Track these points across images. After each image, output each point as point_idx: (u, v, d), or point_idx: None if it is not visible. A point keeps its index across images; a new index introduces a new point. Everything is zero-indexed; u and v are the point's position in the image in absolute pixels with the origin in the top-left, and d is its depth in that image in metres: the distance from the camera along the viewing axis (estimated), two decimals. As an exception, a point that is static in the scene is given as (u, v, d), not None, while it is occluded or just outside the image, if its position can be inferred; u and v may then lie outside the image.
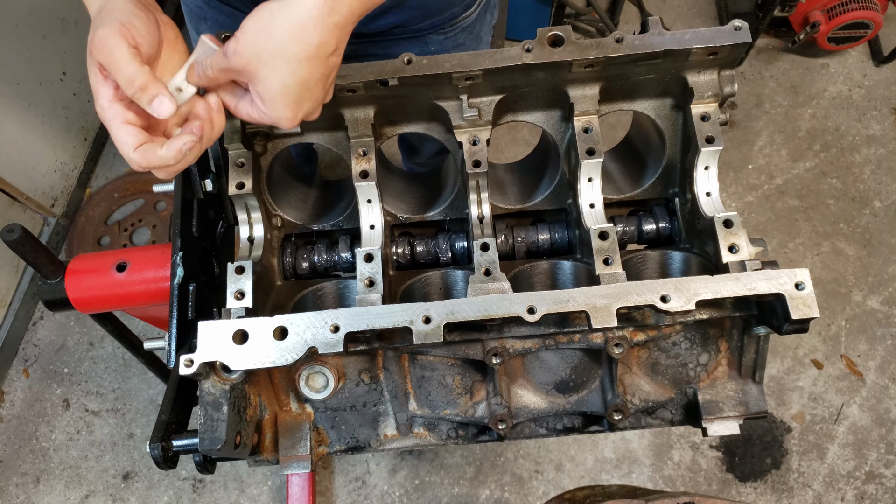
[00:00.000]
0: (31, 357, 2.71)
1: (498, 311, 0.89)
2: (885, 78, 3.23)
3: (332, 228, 1.24)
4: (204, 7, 1.40)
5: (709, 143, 1.05)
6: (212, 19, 1.41)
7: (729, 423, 1.07)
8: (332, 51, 0.82)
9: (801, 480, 2.45)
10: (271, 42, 0.80)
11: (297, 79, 0.82)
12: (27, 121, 2.63)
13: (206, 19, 1.42)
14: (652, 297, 0.89)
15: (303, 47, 0.80)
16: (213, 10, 1.39)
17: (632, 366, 1.08)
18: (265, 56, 0.81)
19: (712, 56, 1.02)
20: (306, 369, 1.04)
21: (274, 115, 0.86)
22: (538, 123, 1.17)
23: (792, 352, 2.64)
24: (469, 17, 1.39)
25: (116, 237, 2.89)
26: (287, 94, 0.83)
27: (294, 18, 0.79)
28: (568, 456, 2.48)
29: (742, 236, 0.99)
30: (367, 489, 2.44)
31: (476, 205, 1.12)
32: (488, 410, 1.06)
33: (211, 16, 1.40)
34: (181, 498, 2.46)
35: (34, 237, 1.16)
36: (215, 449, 0.89)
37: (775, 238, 2.87)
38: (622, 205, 1.26)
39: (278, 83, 0.82)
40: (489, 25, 1.52)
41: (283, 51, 0.80)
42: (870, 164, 3.02)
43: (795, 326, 0.90)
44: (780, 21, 3.21)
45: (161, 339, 1.14)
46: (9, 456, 2.55)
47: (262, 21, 0.81)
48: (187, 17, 1.48)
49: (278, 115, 0.85)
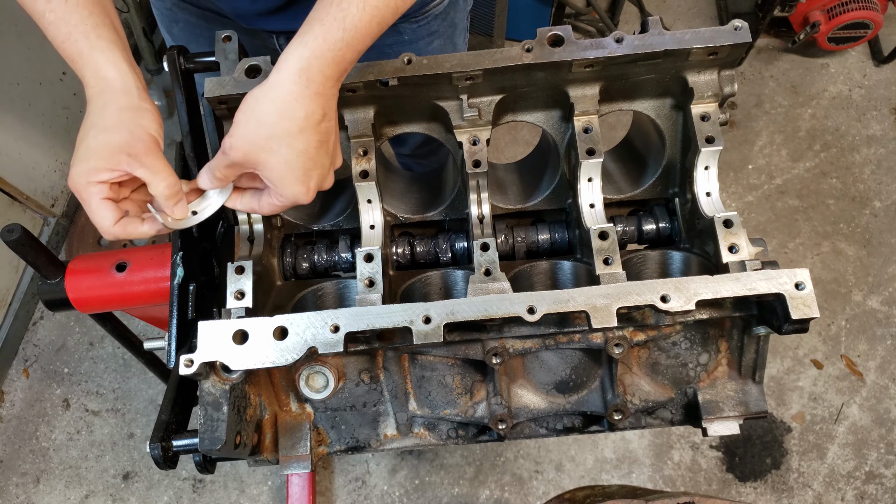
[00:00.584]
0: (31, 357, 2.71)
1: (498, 311, 0.89)
2: (885, 78, 3.22)
3: (332, 228, 1.24)
4: (174, 10, 1.39)
5: (709, 143, 1.05)
6: (183, 21, 1.40)
7: (729, 423, 1.07)
8: (321, 117, 0.85)
9: (801, 480, 2.45)
10: (262, 127, 0.84)
11: (297, 152, 0.85)
12: (27, 121, 2.63)
13: (177, 21, 1.41)
14: (652, 297, 0.89)
15: (292, 122, 0.83)
16: (184, 13, 1.38)
17: (632, 366, 1.08)
18: (260, 141, 0.84)
19: (712, 56, 1.02)
20: (306, 369, 1.04)
21: (288, 193, 0.88)
22: (538, 123, 1.17)
23: (792, 352, 2.64)
24: (440, 3, 1.38)
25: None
26: (293, 169, 0.86)
27: (276, 99, 0.83)
28: (568, 456, 2.48)
29: (742, 236, 0.99)
30: (367, 489, 2.44)
31: (476, 205, 1.12)
32: (488, 410, 1.06)
33: (182, 18, 1.40)
34: (181, 498, 2.46)
35: (34, 237, 1.16)
36: (215, 449, 0.89)
37: (775, 238, 2.86)
38: (622, 205, 1.26)
39: (281, 162, 0.85)
40: (464, 12, 1.51)
41: (276, 131, 0.83)
42: (870, 164, 3.02)
43: (795, 326, 0.90)
44: (780, 21, 3.21)
45: (161, 339, 1.14)
46: (9, 456, 2.55)
47: (250, 109, 0.85)
48: (159, 21, 1.47)
49: (292, 193, 0.88)
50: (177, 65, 1.14)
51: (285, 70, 0.83)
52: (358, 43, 0.83)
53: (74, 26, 0.89)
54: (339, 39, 0.82)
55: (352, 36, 0.82)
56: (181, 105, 1.14)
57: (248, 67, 1.02)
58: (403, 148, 1.83)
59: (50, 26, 0.90)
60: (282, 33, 1.37)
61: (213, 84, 1.02)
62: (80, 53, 0.90)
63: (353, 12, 0.81)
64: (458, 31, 1.51)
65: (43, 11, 0.89)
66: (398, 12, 0.86)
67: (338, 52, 0.82)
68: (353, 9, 0.81)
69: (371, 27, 0.83)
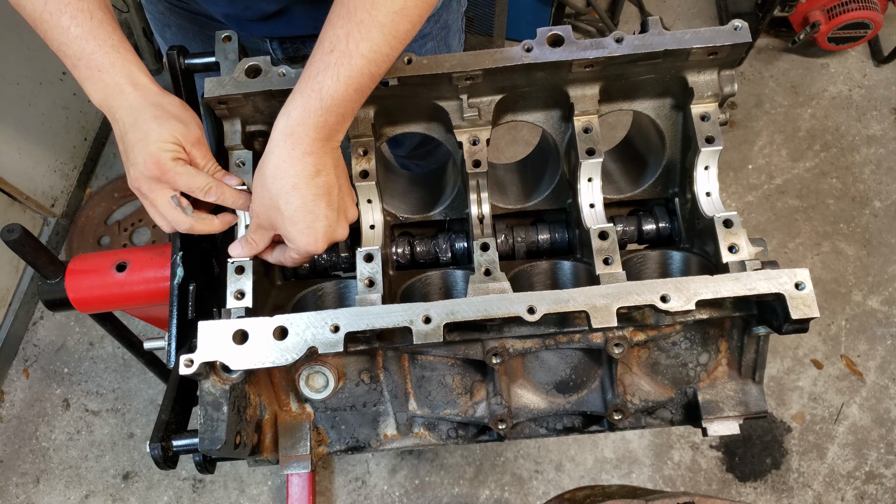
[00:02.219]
0: (31, 357, 2.71)
1: (498, 311, 0.89)
2: (885, 78, 3.23)
3: (332, 228, 1.24)
4: (167, 14, 1.39)
5: (709, 142, 1.05)
6: (176, 25, 1.40)
7: (729, 423, 1.07)
8: (314, 173, 0.91)
9: (801, 480, 2.45)
10: (266, 190, 0.93)
11: (295, 207, 0.92)
12: (27, 121, 2.63)
13: (169, 25, 1.41)
14: (652, 297, 0.89)
15: (286, 181, 0.91)
16: (177, 17, 1.38)
17: (632, 366, 1.08)
18: (268, 202, 0.94)
19: (712, 56, 1.02)
20: (306, 369, 1.04)
21: (299, 245, 0.95)
22: (538, 123, 1.17)
23: (792, 352, 2.64)
24: None
25: (116, 237, 2.89)
26: (295, 223, 0.93)
27: (271, 164, 0.91)
28: (568, 456, 2.48)
29: (742, 236, 0.99)
30: (367, 489, 2.44)
31: (476, 205, 1.12)
32: (488, 410, 1.06)
33: (175, 22, 1.40)
34: (181, 498, 2.46)
35: (34, 237, 1.15)
36: (215, 449, 0.89)
37: (775, 238, 2.87)
38: (622, 205, 1.26)
39: (286, 218, 0.93)
40: (457, 13, 1.51)
41: (275, 191, 0.92)
42: (870, 164, 3.02)
43: (795, 326, 0.90)
44: (780, 21, 3.21)
45: (161, 339, 1.14)
46: (9, 456, 2.55)
47: (258, 177, 0.94)
48: (152, 25, 1.47)
49: (302, 244, 0.95)
50: (177, 65, 1.14)
51: (275, 138, 0.91)
52: (338, 108, 0.90)
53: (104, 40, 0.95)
54: (318, 108, 0.89)
55: (329, 104, 0.89)
56: (181, 105, 1.14)
57: (248, 67, 1.02)
58: (400, 150, 1.83)
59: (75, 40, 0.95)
60: (274, 38, 1.37)
61: (213, 84, 1.02)
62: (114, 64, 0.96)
63: (329, 84, 0.88)
64: (451, 32, 1.51)
65: (68, 26, 0.95)
66: (375, 78, 0.91)
67: (319, 118, 0.89)
68: (329, 81, 0.88)
69: (348, 94, 0.89)
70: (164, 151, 0.94)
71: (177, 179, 0.95)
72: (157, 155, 0.93)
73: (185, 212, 0.98)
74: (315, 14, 1.26)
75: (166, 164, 0.94)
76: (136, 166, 0.95)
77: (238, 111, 1.06)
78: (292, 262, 1.03)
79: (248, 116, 1.08)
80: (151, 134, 0.94)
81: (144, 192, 0.97)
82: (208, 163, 1.01)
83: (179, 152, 0.96)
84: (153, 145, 0.93)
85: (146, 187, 0.96)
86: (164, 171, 0.94)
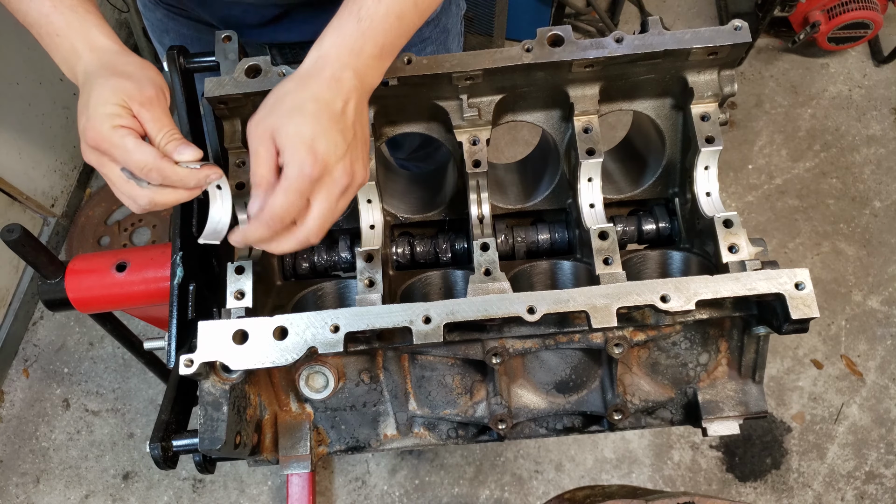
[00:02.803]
0: (30, 357, 2.71)
1: (498, 311, 0.89)
2: (885, 78, 3.22)
3: (332, 228, 1.23)
4: (165, 20, 1.39)
5: (709, 142, 1.05)
6: (174, 31, 1.39)
7: (729, 423, 1.07)
8: (337, 99, 0.82)
9: (801, 480, 2.45)
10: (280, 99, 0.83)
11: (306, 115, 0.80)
12: (27, 121, 2.63)
13: (168, 31, 1.41)
14: (652, 297, 0.88)
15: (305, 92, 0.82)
16: (175, 23, 1.38)
17: (632, 366, 1.08)
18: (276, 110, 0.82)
19: (712, 56, 1.02)
20: (306, 369, 1.04)
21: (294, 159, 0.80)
22: (538, 123, 1.17)
23: (792, 352, 2.64)
24: None
25: (116, 237, 2.89)
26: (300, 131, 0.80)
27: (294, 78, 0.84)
28: (568, 456, 2.48)
29: (742, 236, 0.99)
30: (367, 489, 2.44)
31: (476, 205, 1.12)
32: (488, 410, 1.06)
33: (173, 28, 1.39)
34: (181, 498, 2.46)
35: (34, 237, 1.15)
36: (215, 449, 0.89)
37: (775, 238, 2.86)
38: (622, 205, 1.26)
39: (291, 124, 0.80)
40: (456, 17, 1.50)
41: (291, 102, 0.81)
42: (870, 164, 3.02)
43: (795, 326, 0.90)
44: (780, 21, 3.21)
45: (161, 339, 1.14)
46: (9, 456, 2.55)
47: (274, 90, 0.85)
48: (150, 31, 1.46)
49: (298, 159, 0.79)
50: (177, 65, 1.14)
51: (306, 60, 0.84)
52: (376, 35, 0.83)
53: (59, 1, 0.87)
54: (355, 30, 0.82)
55: (367, 26, 0.82)
56: (181, 105, 1.14)
57: (247, 67, 1.02)
58: (399, 152, 1.83)
59: (33, 3, 0.87)
60: (273, 45, 1.36)
61: (212, 84, 1.02)
62: (69, 24, 0.87)
63: (369, 4, 0.82)
64: (451, 36, 1.51)
65: None
66: (419, 9, 0.86)
67: (354, 42, 0.82)
68: (369, 1, 0.82)
69: (388, 20, 0.83)
70: (103, 117, 0.82)
71: (113, 153, 0.83)
72: (95, 122, 0.82)
73: (139, 184, 0.84)
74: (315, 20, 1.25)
75: (103, 133, 0.82)
76: (81, 136, 0.84)
77: (238, 111, 1.06)
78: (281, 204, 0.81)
79: (248, 116, 1.07)
80: (92, 97, 0.83)
81: (95, 165, 0.86)
82: (161, 129, 0.85)
83: (122, 117, 0.83)
84: (92, 109, 0.82)
85: (94, 160, 0.85)
86: (100, 141, 0.82)
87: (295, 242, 0.86)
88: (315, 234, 0.85)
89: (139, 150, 0.82)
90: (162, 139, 0.85)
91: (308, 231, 0.85)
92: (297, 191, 0.81)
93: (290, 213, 0.82)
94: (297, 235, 0.85)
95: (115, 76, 0.84)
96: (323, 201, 0.83)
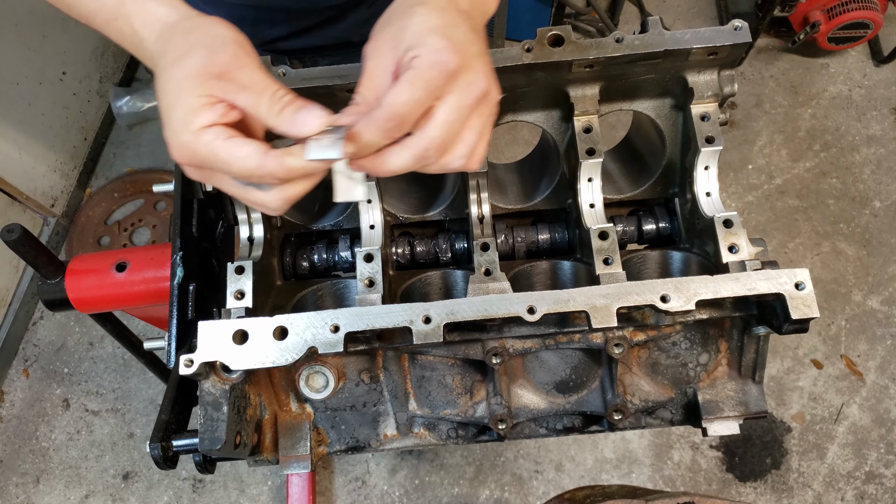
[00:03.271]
0: (30, 357, 2.71)
1: (498, 311, 0.89)
2: (885, 78, 3.23)
3: (331, 228, 1.24)
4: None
5: (709, 143, 1.05)
6: None
7: (729, 423, 1.07)
8: (475, 30, 0.70)
9: (801, 480, 2.45)
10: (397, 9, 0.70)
11: (447, 19, 0.67)
12: (27, 121, 2.63)
13: None
14: (652, 297, 0.88)
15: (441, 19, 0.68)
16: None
17: (632, 366, 1.08)
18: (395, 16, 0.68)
19: (712, 56, 1.02)
20: (306, 369, 1.04)
21: (431, 43, 0.65)
22: (538, 123, 1.17)
23: (792, 352, 2.64)
24: None
25: (116, 237, 2.89)
26: (442, 23, 0.66)
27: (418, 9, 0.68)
28: (568, 456, 2.48)
29: (742, 236, 0.99)
30: (367, 489, 2.44)
31: (476, 205, 1.12)
32: (488, 410, 1.06)
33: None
34: (181, 498, 2.46)
35: (34, 237, 1.15)
36: (215, 449, 0.89)
37: (775, 238, 2.87)
38: (622, 205, 1.26)
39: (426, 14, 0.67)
40: None
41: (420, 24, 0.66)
42: (870, 164, 3.02)
43: (795, 326, 0.90)
44: (780, 21, 3.21)
45: (161, 339, 1.14)
46: (9, 456, 2.55)
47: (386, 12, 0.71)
48: None
49: (434, 47, 0.64)
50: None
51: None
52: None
53: None
54: None
55: None
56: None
57: (248, 67, 1.01)
58: None
59: None
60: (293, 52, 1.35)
61: (213, 84, 1.01)
62: (122, 3, 0.73)
63: None
64: None
65: None
66: None
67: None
68: None
69: None
70: (180, 123, 0.65)
71: (210, 166, 0.67)
72: (174, 132, 0.66)
73: (260, 187, 0.68)
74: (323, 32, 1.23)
75: (187, 146, 0.66)
76: (171, 152, 0.68)
77: (238, 111, 1.06)
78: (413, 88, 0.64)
79: (248, 116, 1.08)
80: (163, 97, 0.67)
81: (201, 181, 0.73)
82: (260, 97, 0.66)
83: (203, 111, 0.65)
84: (167, 115, 0.66)
85: (197, 177, 0.71)
86: (189, 157, 0.67)
87: (410, 156, 0.67)
88: (437, 146, 0.67)
89: (235, 157, 0.65)
90: (267, 110, 0.66)
91: (428, 140, 0.66)
92: (427, 83, 0.63)
93: (414, 112, 0.64)
94: (414, 145, 0.67)
95: (181, 58, 0.67)
96: (453, 107, 0.66)
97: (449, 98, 0.66)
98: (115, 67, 3.17)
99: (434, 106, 0.65)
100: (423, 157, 0.67)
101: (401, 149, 0.67)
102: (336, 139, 0.65)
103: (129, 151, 3.11)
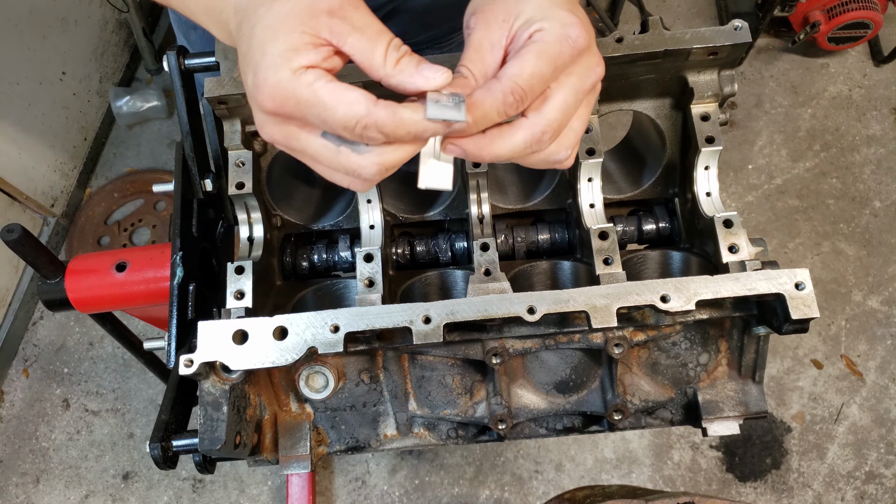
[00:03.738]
0: (30, 357, 2.71)
1: (498, 311, 0.89)
2: (885, 78, 3.23)
3: (331, 228, 1.24)
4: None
5: (709, 143, 1.05)
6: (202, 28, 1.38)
7: (729, 423, 1.07)
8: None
9: (801, 480, 2.45)
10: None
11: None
12: (27, 121, 2.63)
13: (194, 27, 1.39)
14: (652, 297, 0.88)
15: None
16: None
17: (632, 366, 1.08)
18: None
19: (712, 56, 1.02)
20: (306, 369, 1.04)
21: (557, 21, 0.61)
22: (538, 123, 1.17)
23: (792, 352, 2.64)
24: None
25: (116, 237, 2.89)
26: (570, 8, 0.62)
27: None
28: (568, 456, 2.48)
29: (742, 236, 0.99)
30: (367, 489, 2.44)
31: (476, 205, 1.12)
32: (488, 410, 1.06)
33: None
34: (181, 498, 2.46)
35: (34, 237, 1.15)
36: (215, 449, 0.89)
37: (775, 238, 2.87)
38: (622, 205, 1.26)
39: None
40: None
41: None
42: (870, 164, 3.02)
43: (795, 326, 0.90)
44: (780, 21, 3.21)
45: (161, 339, 1.14)
46: (9, 456, 2.55)
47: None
48: (175, 27, 1.44)
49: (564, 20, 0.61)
50: (177, 65, 1.14)
51: None
52: None
53: None
54: None
55: None
56: (181, 105, 1.14)
57: (247, 67, 1.02)
58: None
59: None
60: None
61: (212, 84, 1.02)
62: None
63: None
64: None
65: None
66: None
67: None
68: None
69: None
70: (275, 60, 0.56)
71: (304, 114, 0.57)
72: (266, 73, 0.57)
73: (355, 149, 0.59)
74: None
75: (283, 86, 0.56)
76: (253, 104, 0.61)
77: (238, 111, 1.06)
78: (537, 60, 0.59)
79: (248, 116, 1.08)
80: (255, 38, 0.58)
81: (280, 143, 0.63)
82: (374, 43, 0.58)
83: (305, 50, 0.57)
84: (258, 55, 0.57)
85: (278, 135, 0.62)
86: (282, 101, 0.57)
87: (524, 138, 0.62)
88: (554, 129, 0.62)
89: (342, 101, 0.56)
90: (382, 58, 0.59)
91: (546, 122, 0.62)
92: (554, 58, 0.59)
93: (538, 88, 0.60)
94: (532, 125, 0.62)
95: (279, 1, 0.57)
96: (573, 89, 0.62)
97: (568, 80, 0.62)
98: (114, 67, 3.17)
99: (550, 87, 0.61)
100: (538, 142, 0.62)
101: (514, 129, 0.62)
102: (458, 101, 0.59)
103: (129, 151, 3.12)
